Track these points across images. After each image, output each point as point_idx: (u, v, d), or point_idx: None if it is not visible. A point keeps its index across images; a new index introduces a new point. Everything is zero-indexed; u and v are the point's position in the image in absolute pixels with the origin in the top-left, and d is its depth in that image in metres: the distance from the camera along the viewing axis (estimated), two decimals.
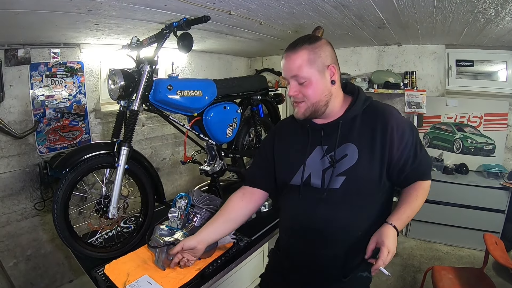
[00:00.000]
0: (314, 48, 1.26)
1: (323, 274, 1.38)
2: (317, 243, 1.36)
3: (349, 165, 1.28)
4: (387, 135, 1.26)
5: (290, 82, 1.32)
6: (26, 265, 2.98)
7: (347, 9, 2.44)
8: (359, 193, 1.29)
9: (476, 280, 2.34)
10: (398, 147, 1.27)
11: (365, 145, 1.28)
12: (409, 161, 1.29)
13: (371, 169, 1.27)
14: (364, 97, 1.36)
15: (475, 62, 3.98)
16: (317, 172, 1.34)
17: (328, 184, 1.30)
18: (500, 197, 3.46)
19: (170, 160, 4.34)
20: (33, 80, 2.91)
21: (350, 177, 1.28)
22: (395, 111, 1.34)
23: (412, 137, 1.30)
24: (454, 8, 2.32)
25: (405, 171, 1.31)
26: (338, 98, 1.35)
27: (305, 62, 1.25)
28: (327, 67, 1.27)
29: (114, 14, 2.23)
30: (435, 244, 3.76)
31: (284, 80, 1.37)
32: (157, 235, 1.70)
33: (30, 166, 2.95)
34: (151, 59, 1.85)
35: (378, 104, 1.38)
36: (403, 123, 1.30)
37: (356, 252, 1.30)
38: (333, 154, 1.31)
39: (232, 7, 2.30)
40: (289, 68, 1.30)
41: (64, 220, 1.66)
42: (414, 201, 1.33)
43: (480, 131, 3.94)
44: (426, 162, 1.37)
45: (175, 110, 2.09)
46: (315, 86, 1.27)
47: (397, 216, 1.30)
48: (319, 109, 1.31)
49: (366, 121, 1.31)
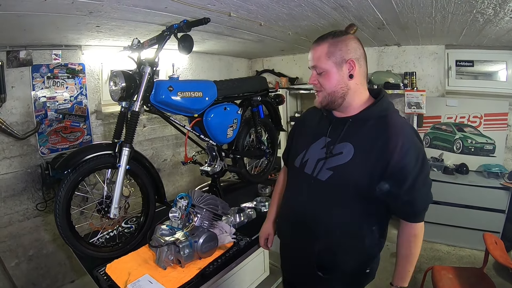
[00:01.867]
0: (336, 42, 1.31)
1: (301, 262, 1.51)
2: (295, 228, 1.48)
3: (340, 162, 1.32)
4: (388, 150, 1.24)
5: (312, 72, 1.38)
6: (28, 265, 3.00)
7: (346, 10, 2.45)
8: (341, 193, 1.33)
9: (476, 280, 2.35)
10: (395, 164, 1.22)
11: (363, 150, 1.29)
12: (403, 185, 1.24)
13: (359, 175, 1.28)
14: (385, 106, 1.36)
15: (475, 62, 3.99)
16: (313, 160, 1.41)
17: (317, 174, 1.38)
18: (500, 197, 3.46)
19: (171, 160, 4.35)
20: (34, 81, 2.93)
21: (336, 174, 1.32)
22: (409, 130, 1.31)
23: (416, 163, 1.24)
24: (452, 9, 2.33)
25: (397, 200, 1.28)
26: (359, 94, 1.37)
27: (324, 54, 1.31)
28: (346, 61, 1.30)
29: (115, 16, 2.24)
30: (435, 244, 3.76)
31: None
32: (158, 234, 1.71)
33: (32, 167, 2.97)
34: (152, 60, 1.86)
35: (398, 118, 1.35)
36: (411, 145, 1.25)
37: (331, 251, 1.37)
38: (332, 148, 1.36)
39: (232, 9, 2.31)
40: (310, 58, 1.37)
41: (66, 220, 1.67)
42: (410, 253, 1.36)
43: (480, 131, 3.94)
44: (422, 202, 1.31)
45: (175, 111, 2.10)
46: (331, 77, 1.32)
47: (398, 275, 1.39)
48: (336, 100, 1.35)
49: (375, 128, 1.31)
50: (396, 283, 1.38)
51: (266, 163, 3.09)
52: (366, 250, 1.39)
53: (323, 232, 1.37)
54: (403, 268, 1.37)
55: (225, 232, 1.92)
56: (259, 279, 2.95)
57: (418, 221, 1.33)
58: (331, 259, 1.38)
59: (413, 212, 1.32)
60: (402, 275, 1.38)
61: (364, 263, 1.42)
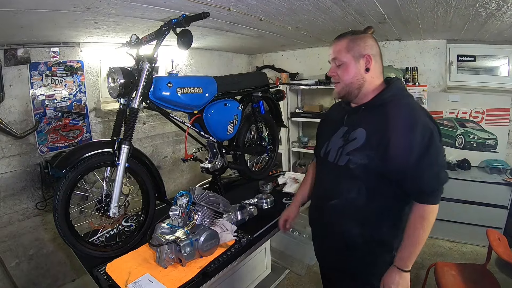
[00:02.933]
0: (355, 39, 1.44)
1: (328, 243, 1.63)
2: (323, 212, 1.58)
3: (354, 147, 1.41)
4: (397, 125, 1.32)
5: (331, 64, 1.51)
6: (28, 265, 2.99)
7: (348, 4, 2.42)
8: (360, 174, 1.40)
9: (479, 276, 2.33)
10: (401, 140, 1.30)
11: (374, 131, 1.37)
12: (409, 160, 1.28)
13: (372, 155, 1.35)
14: (393, 91, 1.44)
15: (476, 57, 3.95)
16: (334, 149, 1.51)
17: (337, 161, 1.47)
18: (502, 193, 3.45)
19: (171, 158, 4.34)
20: (33, 79, 2.91)
21: (353, 158, 1.40)
22: (419, 111, 1.36)
23: (422, 139, 1.27)
24: (455, 3, 2.30)
25: (405, 176, 1.32)
26: (373, 86, 1.47)
27: (343, 48, 1.44)
28: (364, 56, 1.42)
29: (113, 12, 2.22)
30: (437, 240, 3.75)
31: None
32: (158, 233, 1.69)
33: (31, 166, 2.96)
34: (151, 56, 1.84)
35: (408, 100, 1.44)
36: (419, 122, 1.30)
37: (361, 229, 1.44)
38: (348, 135, 1.47)
39: (232, 4, 2.28)
40: (331, 52, 1.50)
41: (65, 219, 1.65)
42: (413, 234, 1.36)
43: (482, 126, 3.93)
44: (431, 181, 1.33)
45: (175, 108, 2.08)
46: (349, 69, 1.44)
47: (400, 256, 1.40)
48: (353, 91, 1.47)
49: (385, 111, 1.38)
50: (398, 264, 1.39)
51: (267, 159, 3.07)
52: (384, 232, 1.44)
53: (346, 210, 1.47)
54: (406, 250, 1.38)
55: (226, 230, 1.90)
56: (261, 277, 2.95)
57: (427, 202, 1.34)
58: (357, 236, 1.45)
59: (421, 190, 1.33)
60: (403, 256, 1.38)
61: (386, 248, 1.46)
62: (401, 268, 1.37)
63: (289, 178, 2.83)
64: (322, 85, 4.56)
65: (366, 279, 1.50)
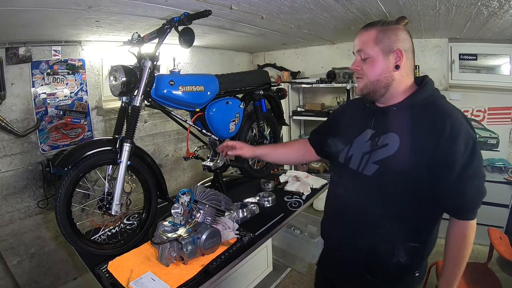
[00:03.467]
0: (385, 30, 1.24)
1: (347, 263, 1.42)
2: (342, 226, 1.42)
3: (386, 155, 1.24)
4: (437, 132, 1.15)
5: (356, 57, 1.31)
6: (30, 263, 2.99)
7: (349, 3, 2.42)
8: (390, 186, 1.24)
9: (480, 275, 2.33)
10: (443, 150, 1.14)
11: (409, 139, 1.20)
12: (451, 174, 1.14)
13: (407, 164, 1.19)
14: (430, 92, 1.28)
15: (478, 56, 3.94)
16: (358, 155, 1.34)
17: (362, 169, 1.30)
18: (504, 192, 3.45)
19: (173, 156, 4.34)
20: (34, 78, 2.91)
21: (383, 168, 1.25)
22: (460, 116, 1.19)
23: (466, 150, 1.13)
24: (457, 1, 2.30)
25: (444, 191, 1.18)
26: (403, 85, 1.29)
27: (371, 39, 1.24)
28: (394, 51, 1.23)
29: (114, 10, 2.22)
30: (439, 239, 3.71)
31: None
32: (160, 231, 1.69)
33: (33, 164, 2.96)
34: (153, 54, 1.84)
35: (444, 102, 1.25)
36: (461, 130, 1.14)
37: (379, 250, 1.29)
38: (377, 140, 1.29)
39: (234, 2, 2.28)
40: (357, 42, 1.30)
41: (67, 218, 1.66)
42: (457, 255, 1.25)
43: (483, 125, 3.92)
44: (473, 195, 1.19)
45: (177, 106, 2.08)
46: (376, 65, 1.25)
47: (444, 277, 1.28)
48: (378, 90, 1.28)
49: (422, 115, 1.21)
50: (441, 285, 1.28)
51: None
52: (414, 250, 1.29)
53: (371, 229, 1.30)
54: (450, 271, 1.26)
55: (228, 228, 1.90)
56: (263, 275, 2.95)
57: (468, 218, 1.22)
58: (379, 258, 1.30)
59: (462, 206, 1.21)
60: (448, 278, 1.27)
61: (413, 265, 1.33)
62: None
63: (290, 176, 2.82)
64: (323, 84, 4.54)
65: None
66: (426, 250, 1.34)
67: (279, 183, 2.81)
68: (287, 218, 2.19)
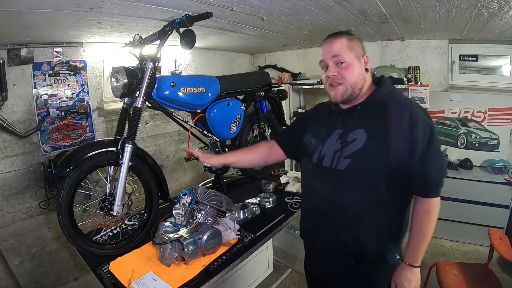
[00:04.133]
0: (352, 39, 1.40)
1: (332, 256, 1.49)
2: (324, 223, 1.48)
3: (355, 149, 1.35)
4: (397, 123, 1.29)
5: (329, 64, 1.40)
6: (31, 264, 3.00)
7: (350, 4, 2.42)
8: (363, 177, 1.35)
9: (481, 276, 2.34)
10: (404, 138, 1.27)
11: (375, 131, 1.34)
12: (414, 158, 1.27)
13: (376, 155, 1.31)
14: (388, 89, 1.42)
15: (478, 57, 3.95)
16: (330, 153, 1.43)
17: (336, 165, 1.40)
18: (504, 192, 3.45)
19: (174, 157, 4.35)
20: (36, 79, 2.92)
21: (355, 161, 1.35)
22: (416, 106, 1.35)
23: (424, 135, 1.27)
24: (457, 2, 2.31)
25: (410, 173, 1.30)
26: (367, 85, 1.44)
27: (345, 46, 1.37)
28: (362, 56, 1.40)
29: (116, 12, 2.23)
30: (439, 240, 3.75)
31: (321, 64, 1.45)
32: (161, 232, 1.70)
33: (35, 165, 2.97)
34: (154, 56, 1.85)
35: (401, 97, 1.41)
36: (419, 119, 1.29)
37: (362, 237, 1.38)
38: (346, 138, 1.40)
39: (234, 3, 2.29)
40: (329, 49, 1.40)
41: (69, 218, 1.67)
42: (420, 230, 1.36)
43: (484, 126, 3.92)
44: (435, 175, 1.33)
45: (178, 107, 2.09)
46: (354, 69, 1.38)
47: (409, 252, 1.39)
48: (355, 92, 1.40)
49: (382, 110, 1.35)
50: (407, 260, 1.39)
51: None
52: (393, 234, 1.42)
53: (352, 219, 1.39)
54: (414, 245, 1.38)
55: (229, 229, 1.91)
56: (263, 275, 2.95)
57: (431, 196, 1.34)
58: (364, 246, 1.39)
59: (426, 185, 1.33)
60: (412, 252, 1.38)
61: (395, 249, 1.44)
62: (412, 264, 1.38)
63: (291, 177, 2.83)
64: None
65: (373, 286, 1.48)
66: (402, 233, 1.46)
67: (280, 184, 2.81)
68: (288, 219, 2.20)
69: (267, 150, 1.82)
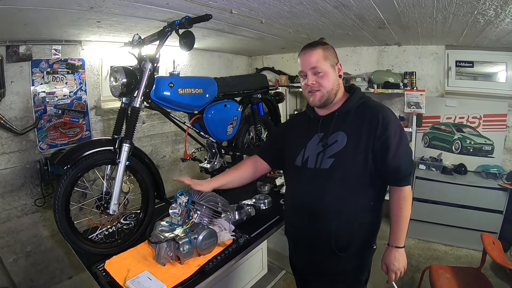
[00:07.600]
0: (326, 49, 1.55)
1: (317, 248, 1.61)
2: (310, 218, 1.59)
3: (338, 149, 1.52)
4: (373, 125, 1.48)
5: (308, 74, 1.56)
6: (26, 261, 3.00)
7: (348, 9, 2.44)
8: (346, 174, 1.51)
9: (474, 280, 2.36)
10: (379, 137, 1.46)
11: (354, 133, 1.52)
12: (389, 153, 1.46)
13: (356, 154, 1.49)
14: (360, 95, 1.61)
15: (474, 63, 3.99)
16: (313, 155, 1.59)
17: (320, 165, 1.55)
18: (498, 198, 3.47)
19: (170, 157, 4.35)
20: (34, 76, 2.92)
21: (338, 159, 1.51)
22: (386, 109, 1.55)
23: (395, 133, 1.47)
24: (454, 10, 2.33)
25: (387, 167, 1.49)
26: (341, 91, 1.62)
27: (321, 57, 1.53)
28: (336, 64, 1.58)
29: (116, 11, 2.24)
30: (433, 244, 3.78)
31: (300, 73, 1.61)
32: (157, 231, 1.71)
33: (31, 163, 2.97)
34: (153, 56, 1.85)
35: (372, 102, 1.61)
36: (390, 120, 1.49)
37: (349, 228, 1.54)
38: (326, 140, 1.56)
39: (234, 6, 2.30)
40: (308, 61, 1.54)
41: (65, 216, 1.67)
42: (401, 214, 1.54)
43: (479, 131, 3.95)
44: (406, 166, 1.52)
45: (176, 108, 2.09)
46: (330, 77, 1.55)
47: (393, 235, 1.57)
48: (331, 97, 1.57)
49: (358, 114, 1.55)
50: (392, 243, 1.57)
51: None
52: (371, 225, 1.60)
53: (336, 213, 1.52)
54: (397, 229, 1.55)
55: (225, 229, 1.91)
56: (258, 276, 2.96)
57: (405, 184, 1.53)
58: (346, 236, 1.54)
59: (400, 176, 1.52)
60: (396, 235, 1.56)
61: (372, 238, 1.63)
62: (398, 246, 1.55)
63: None
64: None
65: (356, 277, 1.64)
66: (378, 224, 1.65)
67: (275, 186, 2.83)
68: (283, 220, 2.20)
69: (252, 166, 1.94)
